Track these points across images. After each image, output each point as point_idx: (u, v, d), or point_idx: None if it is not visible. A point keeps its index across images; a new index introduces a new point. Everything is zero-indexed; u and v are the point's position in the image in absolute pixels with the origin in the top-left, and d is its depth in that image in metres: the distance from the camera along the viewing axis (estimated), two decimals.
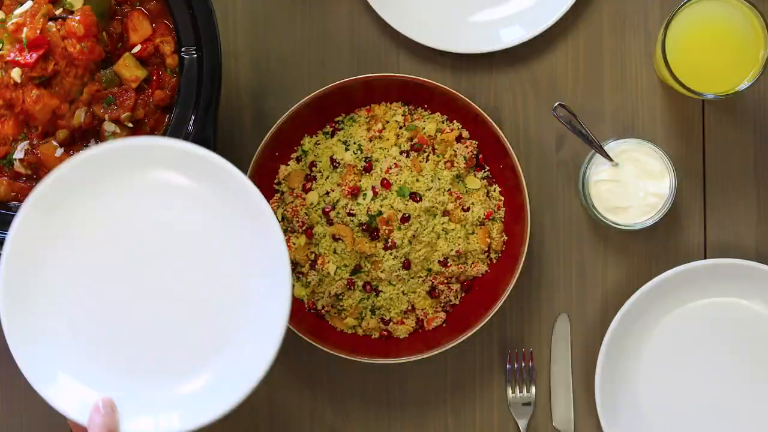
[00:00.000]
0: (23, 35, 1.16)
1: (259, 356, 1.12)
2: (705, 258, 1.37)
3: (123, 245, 1.14)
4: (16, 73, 1.16)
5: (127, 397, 1.13)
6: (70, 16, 1.18)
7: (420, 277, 1.33)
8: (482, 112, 1.30)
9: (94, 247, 1.14)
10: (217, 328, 1.14)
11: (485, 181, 1.35)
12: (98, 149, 1.12)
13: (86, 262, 1.14)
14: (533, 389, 1.36)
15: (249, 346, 1.13)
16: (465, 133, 1.35)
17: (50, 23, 1.17)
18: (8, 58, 1.16)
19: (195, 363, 1.14)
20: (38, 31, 1.16)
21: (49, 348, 1.14)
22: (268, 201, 1.35)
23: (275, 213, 1.34)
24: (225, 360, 1.14)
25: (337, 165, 1.32)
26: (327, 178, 1.33)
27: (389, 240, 1.30)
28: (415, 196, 1.30)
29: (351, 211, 1.31)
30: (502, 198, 1.35)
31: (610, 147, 1.29)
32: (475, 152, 1.34)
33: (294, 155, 1.35)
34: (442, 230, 1.32)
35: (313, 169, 1.34)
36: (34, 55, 1.15)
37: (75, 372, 1.14)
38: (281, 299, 1.12)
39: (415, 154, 1.33)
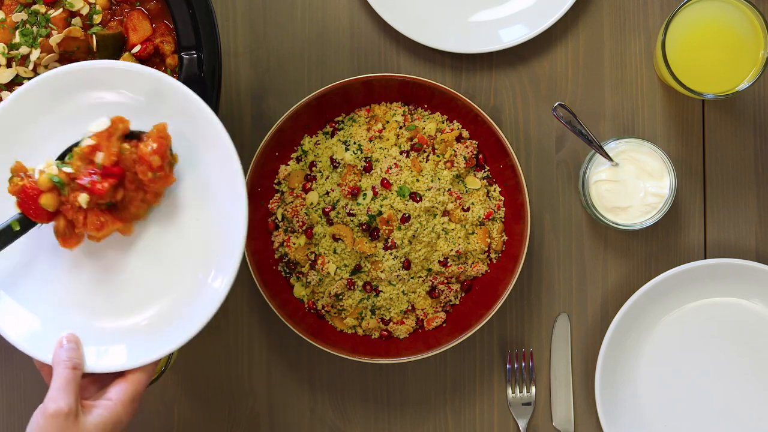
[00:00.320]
0: (98, 161, 1.07)
1: (214, 288, 1.10)
2: (705, 258, 1.37)
3: None
4: (83, 200, 1.07)
5: (77, 328, 1.12)
6: (144, 135, 1.09)
7: (420, 277, 1.33)
8: (482, 112, 1.30)
9: None
10: (168, 257, 1.13)
11: (485, 181, 1.35)
12: (35, 80, 1.11)
13: None
14: (533, 389, 1.36)
15: (203, 275, 1.11)
16: (465, 133, 1.35)
17: (124, 145, 1.08)
18: (80, 182, 1.07)
19: (148, 294, 1.13)
20: (115, 159, 1.07)
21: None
22: (268, 201, 1.35)
23: (275, 213, 1.34)
24: (178, 291, 1.12)
25: (337, 165, 1.32)
26: (327, 178, 1.33)
27: (389, 240, 1.30)
28: (415, 196, 1.30)
29: (351, 211, 1.31)
30: (502, 198, 1.35)
31: (610, 147, 1.29)
32: (475, 152, 1.34)
33: (294, 155, 1.35)
34: (442, 230, 1.32)
35: (313, 169, 1.34)
36: (106, 185, 1.07)
37: (21, 298, 1.13)
38: (237, 209, 1.10)
39: (415, 154, 1.33)
